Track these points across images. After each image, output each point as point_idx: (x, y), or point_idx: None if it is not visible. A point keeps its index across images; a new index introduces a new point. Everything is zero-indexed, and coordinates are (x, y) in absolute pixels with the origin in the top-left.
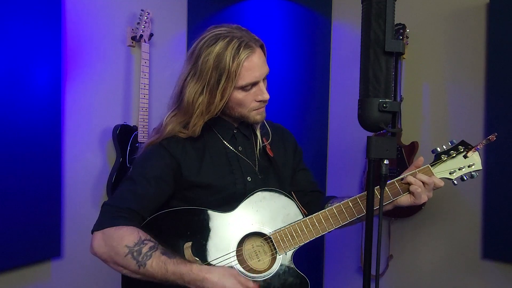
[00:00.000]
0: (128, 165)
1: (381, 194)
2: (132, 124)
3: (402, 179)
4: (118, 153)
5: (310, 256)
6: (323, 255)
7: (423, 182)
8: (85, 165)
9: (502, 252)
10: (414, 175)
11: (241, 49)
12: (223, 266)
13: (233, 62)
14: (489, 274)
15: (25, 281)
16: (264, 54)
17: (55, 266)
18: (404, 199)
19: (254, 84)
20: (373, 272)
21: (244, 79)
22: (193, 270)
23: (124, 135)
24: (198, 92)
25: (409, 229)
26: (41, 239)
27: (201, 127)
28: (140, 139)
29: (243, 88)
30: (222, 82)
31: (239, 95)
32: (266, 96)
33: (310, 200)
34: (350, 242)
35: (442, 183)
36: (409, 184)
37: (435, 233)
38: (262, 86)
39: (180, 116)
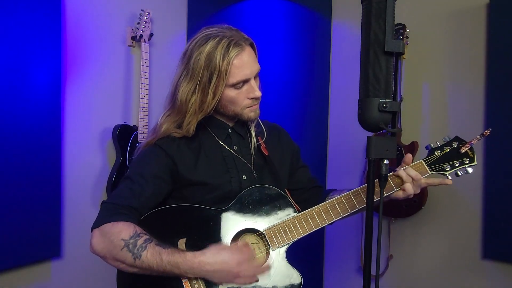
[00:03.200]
0: (128, 165)
1: (381, 194)
2: (132, 124)
3: (395, 170)
4: (118, 153)
5: (310, 256)
6: (323, 255)
7: (412, 178)
8: (85, 165)
9: (502, 252)
10: (404, 170)
11: (231, 47)
12: (212, 246)
13: (223, 60)
14: (489, 274)
15: (25, 281)
16: (255, 52)
17: (55, 266)
18: (395, 193)
19: (245, 81)
20: (373, 272)
21: (235, 77)
22: (187, 257)
23: (124, 135)
24: (190, 91)
25: (409, 229)
26: (41, 239)
27: (195, 127)
28: (140, 139)
29: (234, 86)
30: (214, 80)
31: (231, 93)
32: (258, 93)
33: (312, 195)
34: (350, 242)
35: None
36: (401, 178)
37: (435, 233)
38: (254, 83)
39: (174, 115)
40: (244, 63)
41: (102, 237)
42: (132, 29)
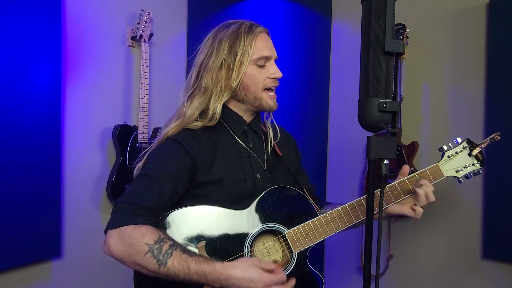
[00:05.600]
0: (128, 165)
1: (381, 194)
2: (132, 124)
3: (401, 182)
4: (118, 153)
5: (310, 256)
6: (323, 255)
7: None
8: (85, 165)
9: (502, 252)
10: (419, 186)
11: (254, 27)
12: (243, 259)
13: (247, 36)
14: (489, 274)
15: (25, 281)
16: (271, 40)
17: (55, 266)
18: (407, 210)
19: (267, 59)
20: (373, 272)
21: (258, 52)
22: (216, 268)
23: (124, 135)
24: (216, 68)
25: (409, 229)
26: (41, 239)
27: (220, 113)
28: (140, 139)
29: (257, 62)
30: (239, 55)
31: (253, 71)
32: (279, 73)
33: None
34: (350, 242)
35: (433, 199)
36: (410, 193)
37: (435, 233)
38: (275, 64)
39: (200, 96)
40: (266, 41)
41: (122, 240)
42: (132, 29)
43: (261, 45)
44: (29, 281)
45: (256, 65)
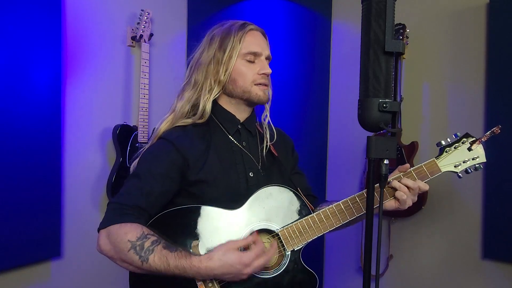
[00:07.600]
0: (128, 165)
1: (381, 194)
2: (132, 124)
3: (388, 182)
4: (118, 153)
5: (310, 256)
6: (323, 255)
7: (408, 187)
8: (85, 165)
9: (502, 252)
10: (398, 179)
11: (246, 25)
12: (220, 245)
13: (238, 33)
14: (489, 274)
15: (25, 281)
16: (267, 42)
17: (55, 266)
18: (389, 204)
19: (256, 55)
20: (373, 272)
21: (247, 47)
22: (193, 263)
23: (124, 135)
24: (207, 63)
25: (409, 229)
26: (41, 239)
27: (210, 111)
28: (140, 139)
29: (246, 57)
30: (228, 50)
31: (242, 66)
32: (268, 70)
33: None
34: (350, 242)
35: (427, 187)
36: (394, 189)
37: (435, 233)
38: (265, 60)
39: (189, 90)
40: (257, 38)
41: (108, 239)
42: (132, 29)
43: (251, 40)
44: (29, 281)
45: (245, 60)
